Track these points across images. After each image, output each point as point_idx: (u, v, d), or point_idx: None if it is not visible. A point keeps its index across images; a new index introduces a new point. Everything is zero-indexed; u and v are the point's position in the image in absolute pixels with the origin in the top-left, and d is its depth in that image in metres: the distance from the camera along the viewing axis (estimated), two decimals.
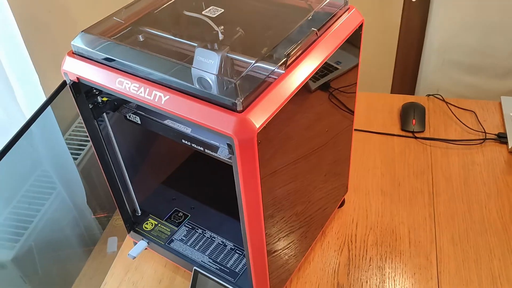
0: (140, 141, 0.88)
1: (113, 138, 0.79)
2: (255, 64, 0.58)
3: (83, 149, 1.18)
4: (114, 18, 0.70)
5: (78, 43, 0.66)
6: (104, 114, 0.75)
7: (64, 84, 0.68)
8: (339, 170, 0.89)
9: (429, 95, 1.23)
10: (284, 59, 0.59)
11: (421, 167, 1.05)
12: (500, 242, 0.89)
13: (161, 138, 0.90)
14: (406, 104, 1.18)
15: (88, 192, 0.98)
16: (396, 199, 0.99)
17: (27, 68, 0.87)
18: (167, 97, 0.59)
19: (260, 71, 0.59)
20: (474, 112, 1.16)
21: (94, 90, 0.72)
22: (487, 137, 1.09)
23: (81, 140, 1.22)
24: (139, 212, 0.91)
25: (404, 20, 1.54)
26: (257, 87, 0.56)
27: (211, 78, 0.58)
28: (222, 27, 0.66)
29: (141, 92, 0.61)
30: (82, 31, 0.66)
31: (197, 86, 0.58)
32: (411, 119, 1.13)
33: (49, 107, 0.78)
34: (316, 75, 0.64)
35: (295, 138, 0.66)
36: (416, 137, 1.11)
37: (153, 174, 0.96)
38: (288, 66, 0.60)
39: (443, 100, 1.20)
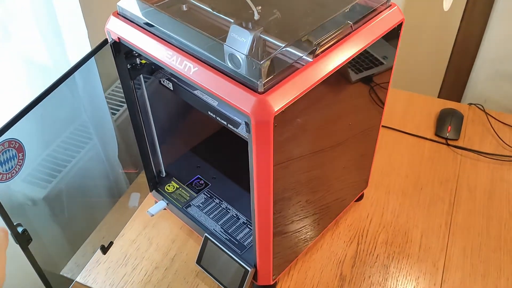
0: (175, 108, 0.92)
1: (147, 101, 0.83)
2: (284, 49, 0.60)
3: (123, 105, 1.23)
4: None
5: (123, 4, 0.70)
6: (141, 76, 0.79)
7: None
8: (361, 165, 0.90)
9: (472, 104, 1.20)
10: (313, 48, 0.61)
11: (447, 175, 1.04)
12: None
13: (194, 108, 0.94)
14: (445, 109, 1.16)
15: (123, 148, 1.03)
16: (415, 202, 0.99)
17: (78, 20, 0.92)
18: (196, 68, 0.62)
19: (288, 56, 0.60)
20: None
21: (134, 52, 0.76)
22: None
23: (122, 97, 1.27)
24: (164, 173, 0.95)
25: (463, 24, 1.49)
26: (281, 71, 0.58)
27: (241, 56, 0.60)
28: (260, 7, 0.68)
29: (173, 60, 0.64)
30: None
31: (228, 62, 0.60)
32: (447, 125, 1.11)
33: (93, 63, 0.82)
34: (346, 68, 0.65)
35: (315, 127, 0.67)
36: (448, 144, 1.09)
37: (183, 141, 1.00)
38: (317, 56, 0.61)
39: (484, 111, 1.17)
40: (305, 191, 0.75)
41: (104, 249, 0.84)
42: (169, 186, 0.94)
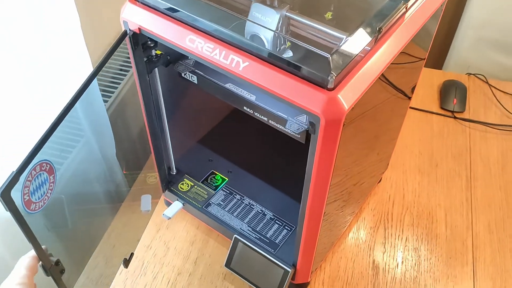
0: (181, 96, 0.83)
1: (161, 94, 0.74)
2: (348, 38, 0.54)
3: (110, 96, 1.12)
4: None
5: None
6: (156, 69, 0.70)
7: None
8: (388, 148, 0.86)
9: (470, 74, 1.19)
10: (375, 34, 0.55)
11: (459, 149, 1.02)
12: None
13: (199, 93, 0.85)
14: (448, 81, 1.14)
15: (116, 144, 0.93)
16: (433, 180, 0.97)
17: (68, 8, 0.79)
18: (246, 63, 0.54)
19: (350, 45, 0.54)
20: None
21: (149, 42, 0.67)
22: None
23: (105, 86, 1.15)
24: (174, 171, 0.87)
25: None
26: (349, 63, 0.52)
27: (266, 37, 0.54)
28: None
29: (215, 55, 0.56)
30: None
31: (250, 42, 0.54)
32: (452, 98, 1.10)
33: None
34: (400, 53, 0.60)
35: (370, 119, 0.62)
36: (455, 117, 1.08)
37: (190, 131, 0.91)
38: (377, 42, 0.56)
39: (486, 82, 1.16)
40: (348, 184, 0.71)
41: (127, 262, 0.76)
42: (182, 184, 0.86)
